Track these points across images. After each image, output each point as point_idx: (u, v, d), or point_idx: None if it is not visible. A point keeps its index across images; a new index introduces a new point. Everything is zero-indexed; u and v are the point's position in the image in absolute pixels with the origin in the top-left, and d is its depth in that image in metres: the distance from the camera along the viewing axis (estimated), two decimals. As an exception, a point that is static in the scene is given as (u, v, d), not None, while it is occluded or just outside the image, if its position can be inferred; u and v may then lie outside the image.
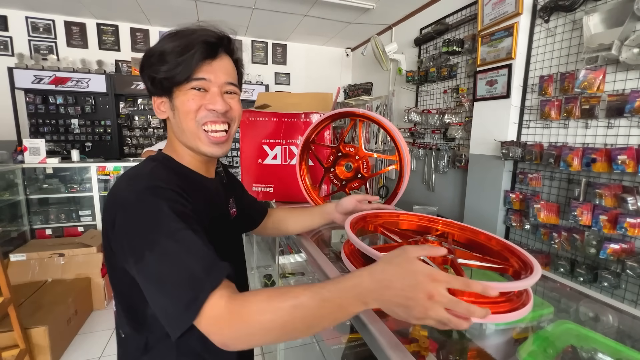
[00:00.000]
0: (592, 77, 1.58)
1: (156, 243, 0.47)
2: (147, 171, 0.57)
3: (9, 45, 3.43)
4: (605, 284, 1.55)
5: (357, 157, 0.88)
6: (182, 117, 0.59)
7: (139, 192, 0.51)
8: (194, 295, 0.43)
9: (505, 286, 0.48)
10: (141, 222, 0.49)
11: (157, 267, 0.46)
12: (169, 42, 0.57)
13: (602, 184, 1.55)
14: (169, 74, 0.57)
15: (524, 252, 0.56)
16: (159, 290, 0.46)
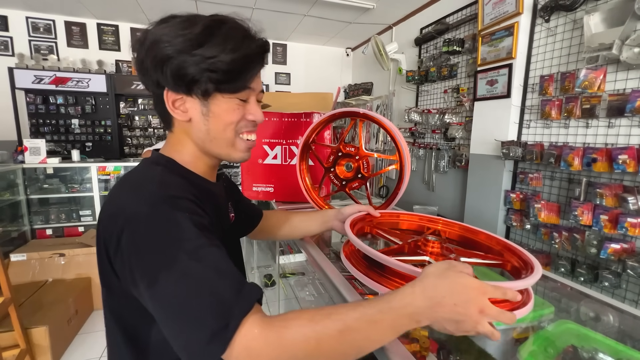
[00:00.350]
0: (592, 77, 1.57)
1: (175, 263, 0.40)
2: (155, 178, 0.50)
3: (10, 46, 3.44)
4: (606, 284, 1.54)
5: (357, 157, 0.88)
6: (219, 125, 0.54)
7: (151, 204, 0.45)
8: (223, 323, 0.37)
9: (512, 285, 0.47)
10: (156, 239, 0.42)
11: (177, 291, 0.39)
12: (222, 41, 0.50)
13: (603, 184, 1.55)
14: (221, 78, 0.50)
15: (522, 250, 0.56)
16: (178, 318, 0.39)
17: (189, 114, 0.53)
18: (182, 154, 0.57)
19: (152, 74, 0.51)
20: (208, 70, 0.49)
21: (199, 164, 0.58)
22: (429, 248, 0.58)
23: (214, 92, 0.52)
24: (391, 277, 0.51)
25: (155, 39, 0.49)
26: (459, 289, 0.39)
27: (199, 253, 0.41)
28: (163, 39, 0.49)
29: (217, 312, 0.38)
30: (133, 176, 0.52)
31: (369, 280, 0.52)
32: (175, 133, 0.57)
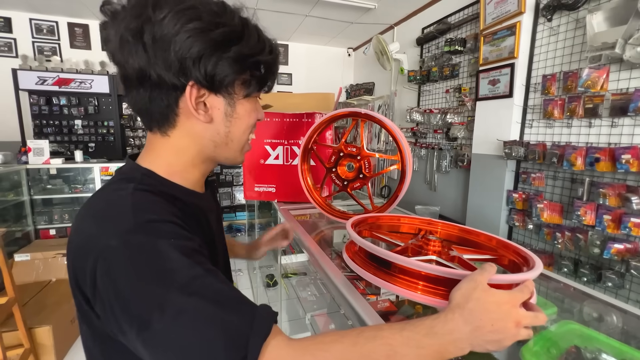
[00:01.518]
0: (595, 76, 1.57)
1: (168, 300, 0.34)
2: (126, 200, 0.41)
3: (13, 47, 3.46)
4: (609, 284, 1.54)
5: (359, 157, 0.88)
6: (241, 128, 0.50)
7: (125, 234, 0.37)
8: (240, 356, 0.33)
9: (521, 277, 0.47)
10: (140, 276, 0.35)
11: (176, 334, 0.33)
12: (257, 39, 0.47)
13: (606, 184, 1.54)
14: (264, 78, 0.48)
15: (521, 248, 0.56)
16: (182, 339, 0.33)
17: (209, 114, 0.46)
18: (173, 164, 0.49)
19: (171, 66, 0.42)
20: (248, 69, 0.46)
21: (191, 173, 0.51)
22: (431, 247, 0.58)
23: (253, 92, 0.49)
24: (398, 275, 0.51)
25: (181, 27, 0.40)
26: (492, 308, 0.39)
27: (193, 285, 0.35)
28: (192, 27, 0.41)
29: (228, 346, 0.33)
30: (101, 198, 0.44)
31: (378, 279, 0.52)
32: (174, 137, 0.48)
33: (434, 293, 0.49)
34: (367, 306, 0.57)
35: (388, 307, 0.71)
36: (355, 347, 0.36)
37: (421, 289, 0.50)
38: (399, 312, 0.68)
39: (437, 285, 0.49)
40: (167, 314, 0.33)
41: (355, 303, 0.58)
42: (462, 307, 0.39)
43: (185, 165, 0.49)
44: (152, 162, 0.48)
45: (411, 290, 0.50)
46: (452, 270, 0.46)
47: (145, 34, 0.40)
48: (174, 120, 0.47)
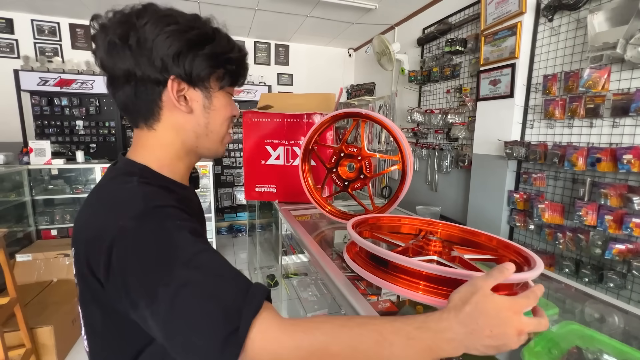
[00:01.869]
0: (596, 76, 1.56)
1: (173, 274, 0.38)
2: (135, 190, 0.46)
3: (15, 48, 3.47)
4: (611, 285, 1.53)
5: (359, 157, 0.88)
6: (219, 119, 0.55)
7: (138, 218, 0.41)
8: (233, 327, 0.35)
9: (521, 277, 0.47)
10: (149, 253, 0.40)
11: (179, 303, 0.37)
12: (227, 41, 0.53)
13: (608, 184, 1.54)
14: (235, 72, 0.54)
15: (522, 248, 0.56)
16: (184, 330, 0.36)
17: (189, 105, 0.52)
18: (161, 158, 0.53)
19: (154, 63, 0.47)
20: (220, 66, 0.52)
21: (178, 167, 0.55)
22: (431, 247, 0.58)
23: (226, 86, 0.55)
24: (400, 275, 0.51)
25: (162, 30, 0.47)
26: (492, 313, 0.37)
27: (197, 260, 0.39)
28: (171, 29, 0.47)
29: (225, 316, 0.36)
30: (107, 193, 0.48)
31: (379, 279, 0.52)
32: (159, 131, 0.52)
33: (435, 293, 0.49)
34: (367, 306, 0.57)
35: (389, 307, 0.71)
36: (344, 329, 0.37)
37: (422, 289, 0.50)
38: (400, 313, 0.68)
39: (438, 285, 0.49)
40: (171, 286, 0.37)
41: (356, 303, 0.58)
42: (459, 309, 0.38)
43: (172, 158, 0.54)
44: (144, 158, 0.53)
45: (412, 290, 0.50)
46: (452, 270, 0.46)
47: (130, 38, 0.47)
48: (158, 114, 0.52)
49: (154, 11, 0.49)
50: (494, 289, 0.40)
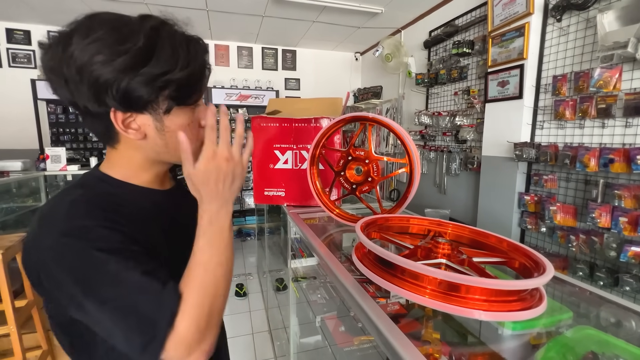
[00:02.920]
0: (607, 76, 1.54)
1: (92, 291, 0.42)
2: (63, 211, 0.46)
3: (32, 58, 3.60)
4: (627, 288, 1.49)
5: (367, 160, 0.89)
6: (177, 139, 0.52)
7: (55, 238, 0.43)
8: (149, 337, 0.41)
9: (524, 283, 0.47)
10: (70, 271, 0.42)
11: (103, 318, 0.42)
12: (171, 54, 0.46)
13: (622, 185, 1.51)
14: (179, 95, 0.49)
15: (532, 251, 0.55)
16: (113, 338, 0.43)
17: (142, 131, 0.49)
18: (125, 169, 0.54)
19: (89, 97, 0.45)
20: (163, 88, 0.46)
21: (144, 176, 0.55)
22: (440, 250, 0.58)
23: (175, 106, 0.49)
24: (406, 278, 0.52)
25: (87, 60, 0.43)
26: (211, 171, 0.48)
27: (116, 277, 0.42)
28: (97, 60, 0.43)
29: (142, 329, 0.41)
30: (47, 204, 0.49)
31: (386, 282, 0.53)
32: (121, 150, 0.53)
33: (441, 297, 0.49)
34: (377, 308, 0.57)
35: (398, 309, 0.71)
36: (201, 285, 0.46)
37: (429, 293, 0.50)
38: (409, 315, 0.68)
39: (444, 289, 0.49)
40: (91, 304, 0.42)
41: (365, 305, 0.58)
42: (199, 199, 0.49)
43: (136, 170, 0.55)
44: (109, 169, 0.55)
45: (419, 294, 0.50)
46: (457, 275, 0.46)
47: (63, 70, 0.44)
48: (116, 137, 0.52)
49: (85, 31, 0.44)
50: None
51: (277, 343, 2.06)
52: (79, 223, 0.44)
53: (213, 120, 0.47)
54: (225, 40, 4.10)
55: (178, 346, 0.41)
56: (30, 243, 0.46)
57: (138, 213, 0.52)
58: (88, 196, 0.49)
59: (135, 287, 0.42)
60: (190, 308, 0.43)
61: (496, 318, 0.46)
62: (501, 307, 0.46)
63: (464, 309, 0.46)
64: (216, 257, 0.47)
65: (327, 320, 1.33)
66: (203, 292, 0.45)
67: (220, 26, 3.58)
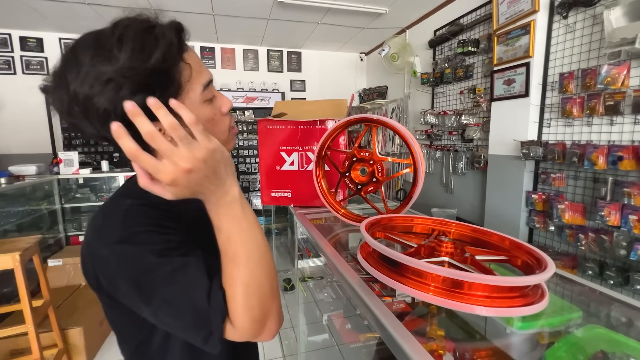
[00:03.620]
0: (615, 73, 1.53)
1: (153, 292, 0.44)
2: (118, 219, 0.49)
3: (45, 65, 3.70)
4: (638, 287, 1.48)
5: (371, 161, 0.90)
6: None
7: (114, 246, 0.46)
8: (207, 331, 0.44)
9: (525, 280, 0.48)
10: (129, 274, 0.45)
11: (165, 316, 0.45)
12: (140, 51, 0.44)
13: (631, 183, 1.49)
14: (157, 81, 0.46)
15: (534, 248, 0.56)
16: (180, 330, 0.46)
17: None
18: None
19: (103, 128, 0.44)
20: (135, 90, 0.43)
21: None
22: (443, 248, 0.59)
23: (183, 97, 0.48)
24: (410, 276, 0.53)
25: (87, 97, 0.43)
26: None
27: (169, 277, 0.44)
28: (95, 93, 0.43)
29: (198, 325, 0.44)
30: (102, 212, 0.52)
31: (390, 280, 0.54)
32: None
33: (445, 293, 0.50)
34: (382, 306, 0.59)
35: (403, 308, 0.72)
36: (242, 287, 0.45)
37: (432, 290, 0.51)
38: (413, 313, 0.69)
39: (447, 286, 0.50)
40: (154, 302, 0.44)
41: (371, 304, 0.60)
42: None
43: None
44: None
45: (423, 291, 0.52)
46: (459, 272, 0.47)
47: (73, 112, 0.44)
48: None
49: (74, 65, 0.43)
50: None
51: (285, 342, 2.08)
52: (133, 230, 0.47)
53: None
54: (231, 43, 4.15)
55: (243, 336, 0.45)
56: (88, 251, 0.49)
57: (182, 215, 0.54)
58: (137, 204, 0.51)
59: (188, 286, 0.44)
60: (238, 305, 0.44)
61: (497, 314, 0.47)
62: (503, 303, 0.48)
63: (466, 305, 0.47)
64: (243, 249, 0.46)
65: (333, 319, 1.35)
66: (244, 286, 0.45)
67: (226, 30, 3.63)
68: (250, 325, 0.44)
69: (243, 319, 0.44)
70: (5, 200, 2.34)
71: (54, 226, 2.74)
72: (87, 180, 2.94)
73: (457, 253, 0.58)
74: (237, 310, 0.44)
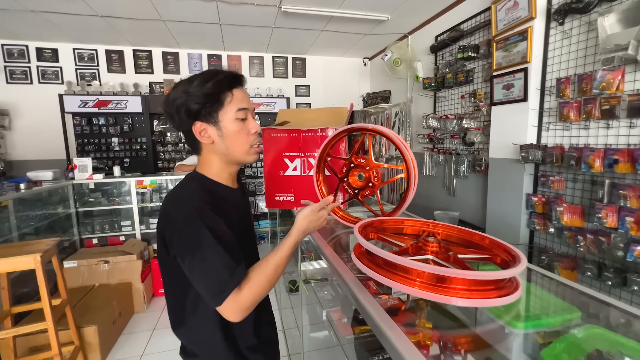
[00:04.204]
0: (610, 78, 1.56)
1: (197, 250, 0.66)
2: (188, 195, 0.74)
3: (59, 75, 3.85)
4: (636, 288, 1.50)
5: (367, 167, 0.96)
6: (234, 142, 0.79)
7: (185, 212, 0.69)
8: (220, 290, 0.65)
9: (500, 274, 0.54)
10: (187, 235, 0.67)
11: (198, 269, 0.67)
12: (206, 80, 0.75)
13: (627, 185, 1.52)
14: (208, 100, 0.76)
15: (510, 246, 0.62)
16: (199, 284, 0.68)
17: (210, 138, 0.76)
18: (210, 169, 0.80)
19: (183, 119, 0.75)
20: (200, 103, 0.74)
21: (223, 174, 0.81)
22: (429, 248, 0.65)
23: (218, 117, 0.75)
24: (398, 273, 0.59)
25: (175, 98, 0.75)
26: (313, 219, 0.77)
27: (211, 247, 0.66)
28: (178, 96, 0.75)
29: (219, 284, 0.65)
30: (177, 190, 0.77)
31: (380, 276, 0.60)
32: (204, 155, 0.80)
33: (429, 287, 0.56)
34: (373, 301, 0.65)
35: (397, 304, 0.78)
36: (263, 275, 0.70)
37: (418, 285, 0.57)
38: (406, 308, 0.75)
39: (432, 281, 0.56)
40: (195, 257, 0.66)
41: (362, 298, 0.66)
42: (294, 226, 0.76)
43: (218, 170, 0.81)
44: (203, 170, 0.81)
45: (410, 285, 0.57)
46: (438, 267, 0.53)
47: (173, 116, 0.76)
48: (199, 148, 0.80)
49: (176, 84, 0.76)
50: None
51: (290, 341, 2.14)
52: (197, 204, 0.69)
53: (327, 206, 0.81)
54: (237, 50, 4.26)
55: (235, 305, 0.65)
56: (165, 214, 0.72)
57: (225, 204, 0.76)
58: (199, 187, 0.75)
59: (221, 259, 0.66)
60: (255, 287, 0.67)
61: (473, 304, 0.52)
62: (480, 295, 0.53)
63: (445, 297, 0.53)
64: (280, 264, 0.72)
65: (332, 314, 1.41)
66: (266, 281, 0.69)
67: (233, 38, 3.74)
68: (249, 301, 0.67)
69: (249, 294, 0.67)
70: (24, 205, 2.46)
71: (69, 229, 2.85)
72: (98, 185, 3.06)
73: (441, 252, 0.64)
74: (252, 287, 0.67)
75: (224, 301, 0.64)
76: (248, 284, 0.67)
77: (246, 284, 0.67)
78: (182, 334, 0.80)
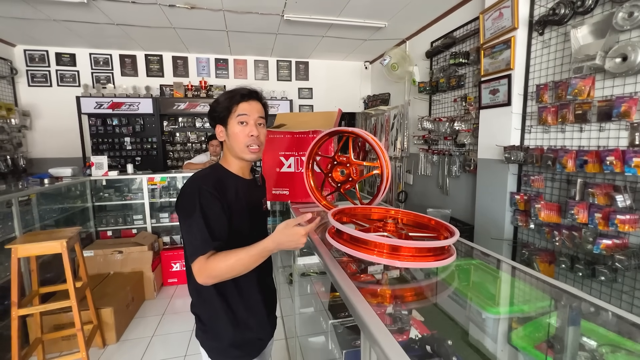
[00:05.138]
0: (582, 85, 1.70)
1: (188, 218, 0.86)
2: (199, 177, 0.94)
3: (77, 78, 4.10)
4: (602, 278, 1.63)
5: (348, 164, 1.13)
6: (235, 141, 0.98)
7: (190, 188, 0.90)
8: (193, 251, 0.83)
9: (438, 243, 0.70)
10: (185, 205, 0.88)
11: (185, 232, 0.86)
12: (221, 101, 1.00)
13: (596, 184, 1.65)
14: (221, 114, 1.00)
15: (451, 227, 0.78)
16: (184, 244, 0.88)
17: (223, 136, 0.99)
18: (225, 161, 1.02)
19: (210, 122, 1.02)
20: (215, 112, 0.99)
21: (234, 166, 1.01)
22: (387, 228, 0.81)
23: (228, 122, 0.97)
24: (361, 245, 0.75)
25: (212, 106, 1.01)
26: (283, 232, 0.80)
27: (196, 219, 0.84)
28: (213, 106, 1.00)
29: (193, 248, 0.83)
30: (197, 173, 0.97)
31: (347, 247, 0.76)
32: (223, 149, 1.05)
33: (385, 255, 0.72)
34: (340, 271, 0.81)
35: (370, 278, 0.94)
36: (223, 260, 0.81)
37: (376, 253, 0.73)
38: (374, 281, 0.90)
39: (386, 250, 0.72)
40: (185, 224, 0.86)
41: (332, 266, 0.82)
42: (274, 236, 0.81)
43: (230, 162, 1.01)
44: (222, 162, 1.03)
45: (368, 254, 0.73)
46: (385, 239, 0.69)
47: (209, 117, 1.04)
48: (222, 143, 1.04)
49: (215, 99, 1.00)
50: None
51: (287, 325, 2.31)
52: (202, 185, 0.88)
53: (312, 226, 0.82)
54: (243, 55, 4.46)
55: (198, 269, 0.81)
56: (182, 188, 0.91)
57: (230, 189, 0.94)
58: (210, 174, 0.95)
59: (200, 230, 0.84)
60: (218, 266, 0.81)
61: (412, 265, 0.68)
62: (420, 260, 0.69)
63: (395, 261, 0.69)
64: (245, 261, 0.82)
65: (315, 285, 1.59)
66: (227, 267, 0.81)
67: (239, 43, 3.94)
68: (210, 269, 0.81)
69: (213, 265, 0.81)
70: (47, 199, 2.68)
71: (86, 222, 3.07)
72: (110, 182, 3.28)
73: (396, 230, 0.80)
74: (217, 262, 0.81)
75: (192, 263, 0.82)
76: (215, 259, 0.81)
77: (214, 259, 0.81)
78: (189, 287, 1.00)
